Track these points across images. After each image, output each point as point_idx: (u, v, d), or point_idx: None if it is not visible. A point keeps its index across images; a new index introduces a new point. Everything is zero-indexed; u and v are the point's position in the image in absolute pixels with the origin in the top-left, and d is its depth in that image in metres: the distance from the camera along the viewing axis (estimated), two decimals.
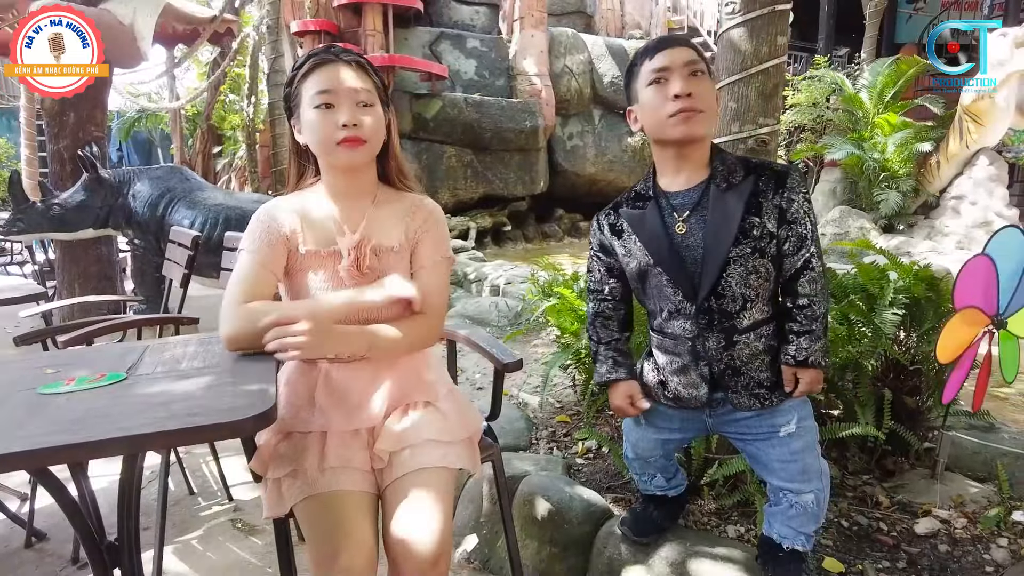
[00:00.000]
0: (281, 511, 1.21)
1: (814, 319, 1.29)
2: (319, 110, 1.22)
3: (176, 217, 3.66)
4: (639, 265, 1.36)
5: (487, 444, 1.50)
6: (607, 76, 9.75)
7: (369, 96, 1.25)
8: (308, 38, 8.69)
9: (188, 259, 2.25)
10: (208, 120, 10.98)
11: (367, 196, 1.33)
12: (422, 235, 1.33)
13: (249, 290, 1.21)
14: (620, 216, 1.40)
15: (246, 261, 1.24)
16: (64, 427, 0.74)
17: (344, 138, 1.21)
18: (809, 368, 1.31)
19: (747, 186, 1.28)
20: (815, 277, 1.29)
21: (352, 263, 1.26)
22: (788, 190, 1.27)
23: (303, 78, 1.25)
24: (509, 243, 9.17)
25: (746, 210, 1.27)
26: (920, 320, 2.02)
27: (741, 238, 1.26)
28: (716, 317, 1.31)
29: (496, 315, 3.99)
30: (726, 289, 1.29)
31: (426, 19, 9.63)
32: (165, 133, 15.02)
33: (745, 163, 1.32)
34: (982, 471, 2.05)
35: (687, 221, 1.31)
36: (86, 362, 1.12)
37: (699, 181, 1.32)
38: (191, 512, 2.19)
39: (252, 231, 1.27)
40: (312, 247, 1.27)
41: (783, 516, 1.41)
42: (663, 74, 1.26)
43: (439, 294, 1.33)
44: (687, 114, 1.24)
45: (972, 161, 6.93)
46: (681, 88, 1.23)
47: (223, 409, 0.78)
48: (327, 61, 1.24)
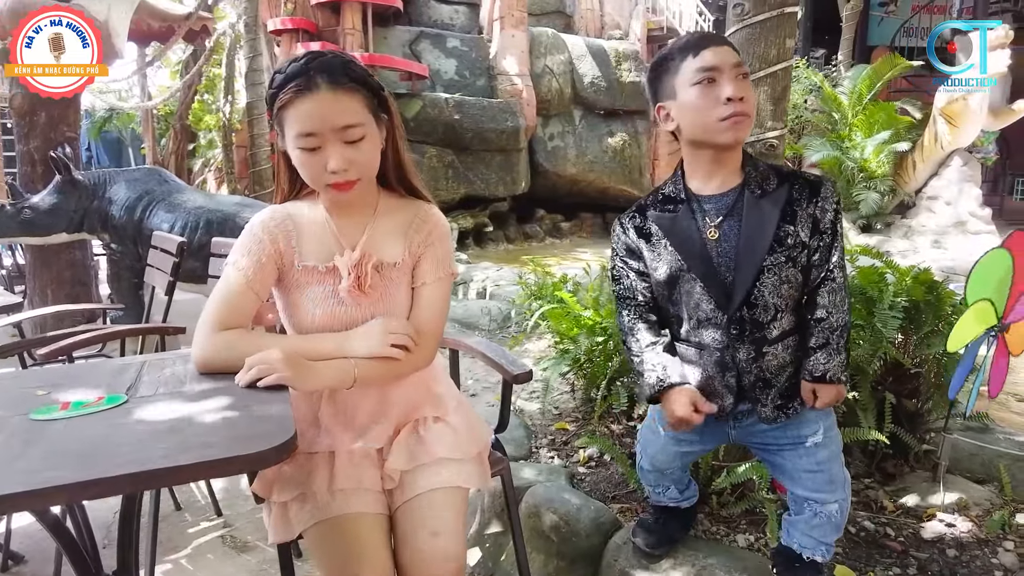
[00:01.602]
0: (289, 536, 1.15)
1: (832, 331, 1.26)
2: (304, 152, 1.10)
3: (155, 221, 3.54)
4: (670, 270, 1.30)
5: (497, 458, 1.45)
6: (587, 76, 9.74)
7: (359, 131, 1.10)
8: (286, 37, 8.55)
9: (173, 266, 2.17)
10: (182, 120, 10.73)
11: (368, 208, 1.24)
12: (425, 249, 1.25)
13: (228, 314, 1.13)
14: (648, 219, 1.34)
15: (231, 279, 1.16)
16: (66, 460, 0.67)
17: (333, 183, 1.11)
18: (828, 384, 1.27)
19: (782, 194, 1.25)
20: (835, 288, 1.27)
21: (353, 283, 1.17)
22: (823, 200, 1.24)
23: (283, 108, 1.10)
24: (491, 244, 9.12)
25: (781, 218, 1.23)
26: (919, 323, 2.02)
27: (776, 246, 1.23)
28: (748, 327, 1.27)
29: (487, 320, 3.94)
30: (759, 299, 1.25)
31: (405, 18, 9.54)
32: (136, 133, 14.66)
33: (777, 171, 1.29)
34: (981, 472, 2.06)
35: (720, 227, 1.27)
36: (77, 380, 1.04)
37: (733, 186, 1.27)
38: (178, 529, 2.11)
39: (243, 244, 1.18)
40: (309, 263, 1.19)
41: (805, 526, 1.39)
42: (712, 74, 1.19)
43: (439, 315, 1.26)
44: (739, 119, 1.19)
45: (947, 162, 7.06)
46: (734, 91, 1.17)
47: (240, 438, 0.72)
48: (306, 91, 1.07)
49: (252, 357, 1.03)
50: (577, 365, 2.35)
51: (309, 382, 1.08)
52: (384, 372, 1.17)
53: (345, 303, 1.19)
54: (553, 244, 9.62)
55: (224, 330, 1.11)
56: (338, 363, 1.12)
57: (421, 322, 1.23)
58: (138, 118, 13.23)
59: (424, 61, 8.94)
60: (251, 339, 1.12)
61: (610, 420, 2.38)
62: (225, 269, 1.18)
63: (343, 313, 1.19)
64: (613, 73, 9.86)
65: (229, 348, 1.08)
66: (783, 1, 1.56)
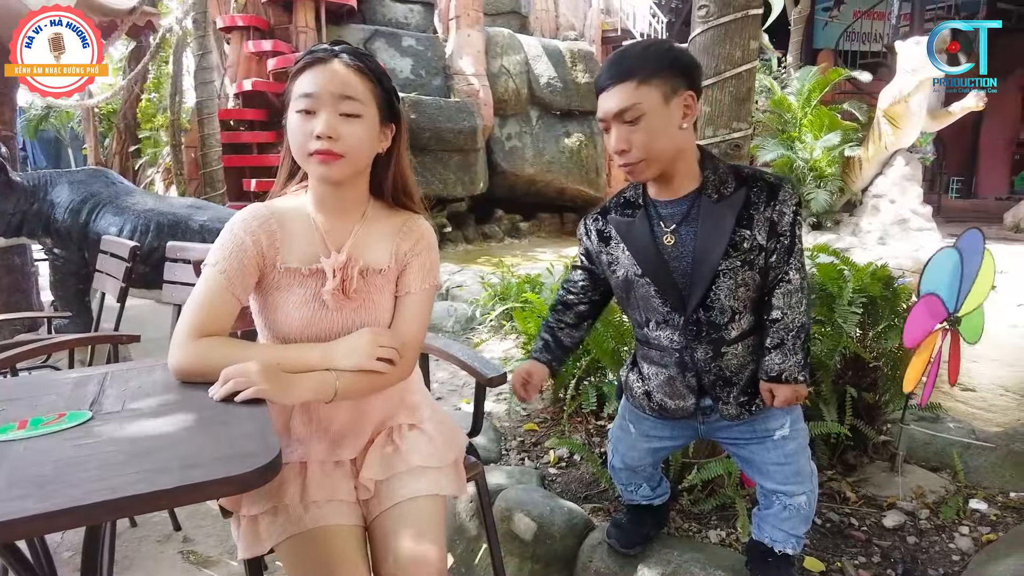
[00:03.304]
0: (259, 551, 1.11)
1: (787, 332, 1.27)
2: (300, 115, 1.09)
3: (102, 224, 3.38)
4: (626, 274, 1.32)
5: (471, 464, 1.44)
6: (543, 77, 9.76)
7: (358, 107, 1.09)
8: (236, 34, 8.30)
9: (126, 271, 2.07)
10: (125, 119, 10.31)
11: (356, 211, 1.20)
12: (411, 259, 1.22)
13: (208, 320, 1.07)
14: (608, 223, 1.36)
15: (211, 281, 1.10)
16: (31, 488, 0.62)
17: (317, 150, 1.08)
18: (784, 384, 1.28)
19: (739, 198, 1.25)
20: (791, 290, 1.27)
21: (338, 286, 1.14)
22: (780, 203, 1.24)
23: (296, 75, 1.12)
24: (450, 244, 9.05)
25: (737, 223, 1.24)
26: (876, 318, 2.09)
27: (731, 251, 1.24)
28: (704, 329, 1.29)
29: (451, 321, 3.90)
30: (715, 302, 1.27)
31: (359, 16, 9.37)
32: (76, 132, 14.05)
33: (737, 173, 1.28)
34: (934, 461, 2.14)
35: (676, 232, 1.28)
36: (32, 396, 0.98)
37: (689, 190, 1.28)
38: (134, 546, 2.02)
39: (224, 244, 1.12)
40: (292, 264, 1.14)
41: (775, 519, 1.41)
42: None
43: (422, 326, 1.23)
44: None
45: (890, 162, 7.34)
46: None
47: (222, 458, 0.67)
48: (322, 60, 1.10)
49: (228, 369, 0.98)
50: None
51: (288, 396, 1.03)
52: (366, 386, 1.13)
53: (327, 307, 1.14)
54: (512, 244, 9.60)
55: (203, 336, 1.06)
56: (319, 376, 1.08)
57: (405, 333, 1.19)
58: (77, 116, 12.67)
59: (379, 60, 8.80)
60: (232, 347, 1.06)
61: (578, 420, 2.39)
62: (204, 271, 1.12)
63: (324, 317, 1.15)
64: (569, 74, 9.91)
65: (208, 356, 1.03)
66: (747, 3, 1.59)
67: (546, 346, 1.49)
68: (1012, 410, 3.14)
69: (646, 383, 1.41)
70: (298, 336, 1.15)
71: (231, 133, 7.89)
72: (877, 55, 11.35)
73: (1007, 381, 3.61)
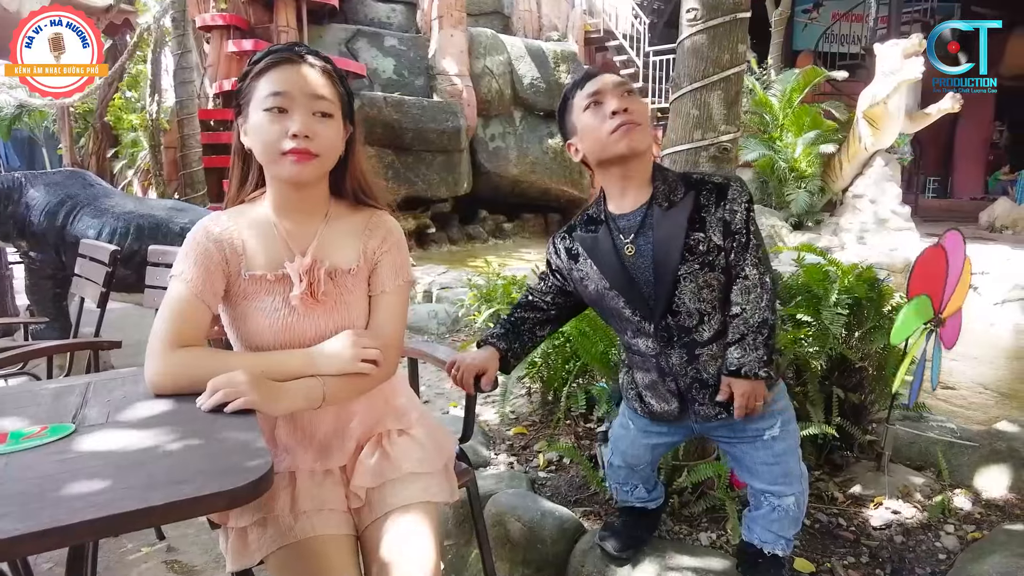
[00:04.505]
0: (249, 563, 1.09)
1: (747, 326, 1.28)
2: (270, 113, 1.07)
3: (80, 227, 3.31)
4: (596, 288, 1.36)
5: (463, 470, 1.42)
6: (527, 77, 9.77)
7: (329, 106, 1.10)
8: (216, 33, 8.20)
9: (106, 276, 2.03)
10: (102, 119, 10.12)
11: (318, 212, 1.18)
12: (382, 256, 1.20)
13: (180, 330, 1.05)
14: (575, 240, 1.40)
15: (179, 293, 1.08)
16: (12, 507, 0.59)
17: (292, 149, 1.06)
18: (742, 379, 1.28)
19: (688, 202, 1.28)
20: (748, 286, 1.28)
21: (305, 290, 1.11)
22: (730, 201, 1.28)
23: (258, 75, 1.10)
24: (434, 245, 9.02)
25: (690, 226, 1.27)
26: (862, 319, 2.11)
27: (687, 255, 1.27)
28: (675, 333, 1.32)
29: (435, 323, 3.88)
30: (680, 306, 1.30)
31: (341, 16, 9.31)
32: (51, 132, 13.78)
33: (686, 179, 1.33)
34: (919, 459, 2.16)
35: (635, 243, 1.31)
36: (10, 407, 0.95)
37: (643, 202, 1.32)
38: (117, 556, 1.97)
39: (187, 254, 1.11)
40: (257, 271, 1.12)
41: (764, 520, 1.42)
42: (596, 97, 1.29)
43: (400, 324, 1.22)
44: (628, 127, 1.25)
45: (869, 162, 7.45)
46: (617, 105, 1.26)
47: (212, 472, 0.65)
48: (288, 60, 1.10)
49: (216, 379, 0.96)
50: (534, 369, 2.34)
51: (278, 405, 1.01)
52: (352, 389, 1.12)
53: (297, 312, 1.12)
54: (496, 245, 9.59)
55: (180, 347, 1.04)
56: (306, 383, 1.06)
57: (384, 332, 1.18)
58: (52, 116, 12.42)
59: (361, 60, 8.76)
60: (212, 358, 1.04)
61: (568, 423, 2.38)
62: (170, 282, 1.10)
63: (296, 323, 1.13)
64: (552, 74, 9.92)
65: (188, 367, 1.01)
66: (736, 6, 1.59)
67: (504, 335, 1.46)
68: (991, 407, 3.20)
69: (637, 387, 1.45)
70: (271, 344, 1.13)
71: (211, 134, 7.79)
72: (856, 57, 11.50)
73: (986, 379, 3.68)
